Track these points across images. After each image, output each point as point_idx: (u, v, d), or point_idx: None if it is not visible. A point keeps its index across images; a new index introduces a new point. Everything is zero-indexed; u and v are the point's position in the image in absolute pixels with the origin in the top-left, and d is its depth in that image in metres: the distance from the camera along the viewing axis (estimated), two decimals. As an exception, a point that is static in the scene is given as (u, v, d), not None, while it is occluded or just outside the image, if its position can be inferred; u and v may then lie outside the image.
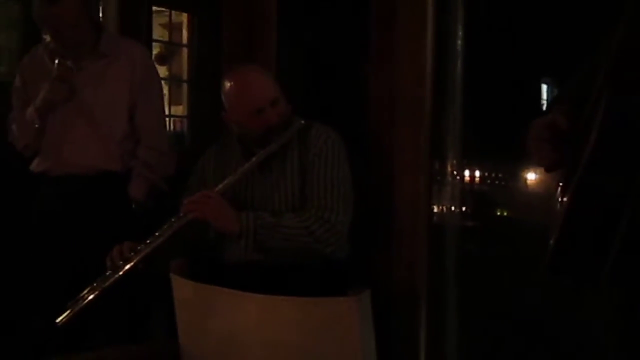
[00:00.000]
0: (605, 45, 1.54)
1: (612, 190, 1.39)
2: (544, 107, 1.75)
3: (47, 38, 2.79)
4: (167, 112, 4.30)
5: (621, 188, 1.38)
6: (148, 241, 2.14)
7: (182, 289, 2.18)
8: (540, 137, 1.58)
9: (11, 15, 4.36)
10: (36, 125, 2.70)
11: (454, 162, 3.07)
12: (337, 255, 2.22)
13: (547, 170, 1.64)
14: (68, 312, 2.08)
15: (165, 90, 3.53)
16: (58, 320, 2.10)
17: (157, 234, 2.16)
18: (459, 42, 2.64)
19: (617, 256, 1.40)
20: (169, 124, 5.18)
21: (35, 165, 2.83)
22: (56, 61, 2.62)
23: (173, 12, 6.58)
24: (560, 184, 1.58)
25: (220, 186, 2.22)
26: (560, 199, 1.53)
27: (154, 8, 5.23)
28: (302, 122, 2.29)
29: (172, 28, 6.86)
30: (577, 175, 1.43)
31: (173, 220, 2.17)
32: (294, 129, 2.27)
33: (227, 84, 2.33)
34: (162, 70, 5.39)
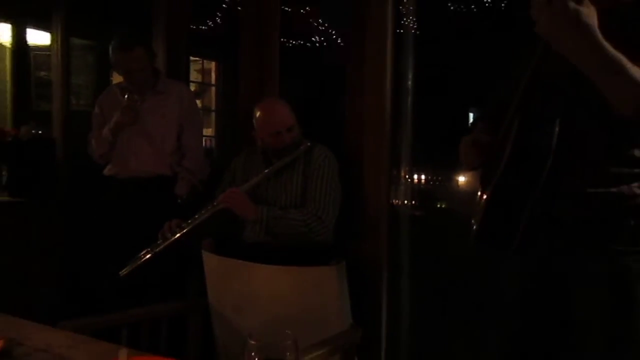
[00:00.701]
0: (510, 81, 1.53)
1: (521, 189, 1.38)
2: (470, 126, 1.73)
3: (114, 80, 2.78)
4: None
5: (527, 187, 1.37)
6: (190, 221, 2.14)
7: (210, 261, 2.15)
8: (469, 152, 1.56)
9: (87, 62, 4.33)
10: (110, 140, 2.71)
11: (407, 168, 3.05)
12: (324, 241, 2.19)
13: (470, 170, 1.62)
14: (128, 267, 2.09)
15: (200, 118, 3.50)
16: (121, 272, 2.10)
17: (196, 216, 2.15)
18: (410, 82, 2.62)
19: (524, 232, 1.39)
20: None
21: (106, 171, 2.83)
22: (126, 95, 2.65)
23: (205, 60, 6.59)
24: (480, 183, 1.56)
25: (245, 185, 2.20)
26: (480, 194, 1.51)
27: (191, 58, 5.21)
28: (309, 144, 2.25)
29: (204, 72, 6.87)
30: (495, 177, 1.41)
31: (209, 207, 2.16)
32: (302, 149, 2.23)
33: (257, 112, 2.30)
34: (197, 103, 5.36)
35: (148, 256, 2.10)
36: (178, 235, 2.11)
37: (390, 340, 2.39)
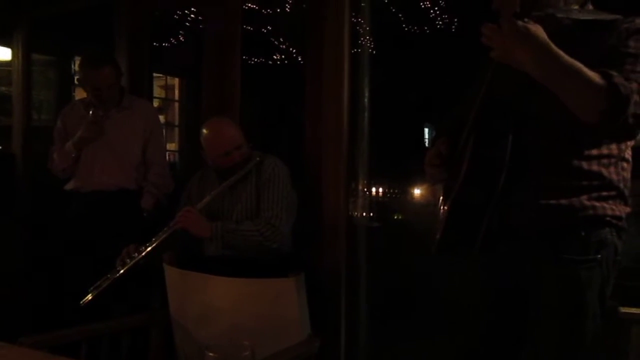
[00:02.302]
0: (465, 99, 1.56)
1: (477, 201, 1.42)
2: (426, 143, 1.74)
3: (76, 96, 2.72)
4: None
5: (483, 200, 1.40)
6: (147, 244, 2.10)
7: (171, 274, 2.12)
8: (432, 163, 1.59)
9: (49, 78, 4.23)
10: (73, 155, 2.66)
11: (365, 182, 3.06)
12: (282, 250, 2.18)
13: (434, 184, 1.64)
14: (89, 296, 2.03)
15: (163, 134, 3.46)
16: (81, 301, 2.04)
17: (153, 239, 2.12)
18: (366, 99, 2.65)
19: (483, 240, 1.42)
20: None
21: (68, 185, 2.76)
22: (91, 111, 2.60)
23: (168, 77, 6.54)
24: (441, 197, 1.59)
25: (199, 204, 2.18)
26: (442, 206, 1.54)
27: (155, 74, 5.16)
28: (258, 158, 2.24)
29: (167, 88, 6.81)
30: (454, 191, 1.45)
31: (165, 229, 2.13)
32: (252, 164, 2.22)
33: (204, 132, 2.27)
34: (161, 119, 5.30)
35: (107, 283, 2.05)
36: (136, 259, 2.08)
37: (349, 348, 2.39)
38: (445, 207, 1.49)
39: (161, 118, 5.73)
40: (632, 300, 2.05)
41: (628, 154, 1.41)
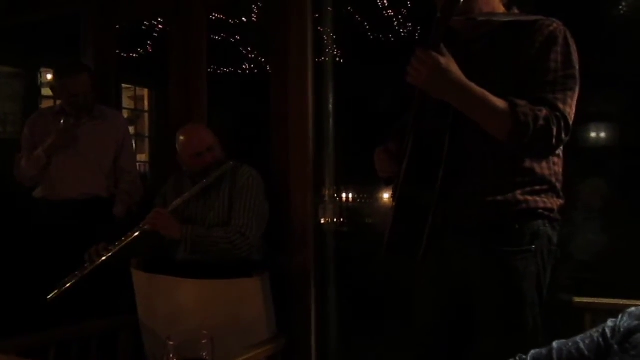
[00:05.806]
0: (409, 109, 1.64)
1: (420, 200, 1.48)
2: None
3: (43, 106, 2.73)
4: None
5: (425, 198, 1.46)
6: (117, 243, 2.14)
7: (139, 278, 2.16)
8: (381, 159, 1.65)
9: (14, 90, 4.20)
10: (43, 162, 2.68)
11: (332, 187, 3.13)
12: (253, 257, 2.22)
13: (386, 183, 1.70)
14: (55, 291, 2.06)
15: (133, 143, 3.49)
16: (48, 297, 2.06)
17: (123, 238, 2.15)
18: (330, 105, 2.70)
19: (428, 240, 1.48)
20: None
21: (38, 192, 2.77)
22: (62, 120, 2.66)
23: (137, 88, 6.55)
24: (392, 197, 1.65)
25: (171, 205, 2.23)
26: (392, 205, 1.61)
27: (124, 85, 5.17)
28: (232, 163, 2.28)
29: (137, 99, 6.80)
30: (397, 191, 1.51)
31: (135, 229, 2.17)
32: (224, 169, 2.26)
33: (179, 136, 2.34)
34: (130, 130, 5.28)
35: (74, 280, 2.08)
36: (105, 257, 2.11)
37: (319, 346, 2.44)
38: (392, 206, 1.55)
39: (131, 129, 5.70)
40: (590, 290, 2.17)
41: (560, 150, 1.49)
